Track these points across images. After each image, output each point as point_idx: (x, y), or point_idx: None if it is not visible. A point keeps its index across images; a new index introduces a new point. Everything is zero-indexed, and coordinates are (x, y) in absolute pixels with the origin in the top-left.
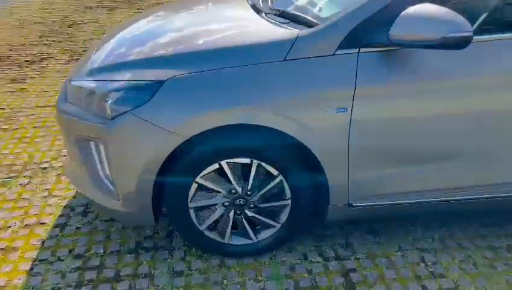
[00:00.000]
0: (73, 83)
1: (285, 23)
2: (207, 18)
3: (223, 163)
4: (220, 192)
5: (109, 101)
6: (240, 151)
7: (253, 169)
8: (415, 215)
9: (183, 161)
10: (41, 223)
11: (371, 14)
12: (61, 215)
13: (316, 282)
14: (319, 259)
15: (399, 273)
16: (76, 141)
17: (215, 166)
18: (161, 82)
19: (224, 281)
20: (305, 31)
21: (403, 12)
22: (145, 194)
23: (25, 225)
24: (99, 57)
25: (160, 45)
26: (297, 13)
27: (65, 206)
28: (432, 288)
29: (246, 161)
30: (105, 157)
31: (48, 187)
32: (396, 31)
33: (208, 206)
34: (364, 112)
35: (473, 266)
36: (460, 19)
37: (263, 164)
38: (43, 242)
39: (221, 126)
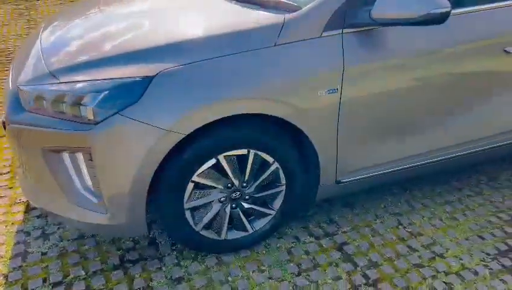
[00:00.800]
0: (27, 88)
1: (257, 8)
2: (174, 5)
3: (221, 157)
4: (216, 188)
5: (91, 104)
6: (237, 143)
7: (250, 159)
8: (396, 182)
9: (178, 160)
10: None
11: None
12: (17, 244)
13: (316, 261)
14: (311, 239)
15: (385, 239)
16: (42, 155)
17: (213, 161)
18: (149, 78)
19: (229, 278)
20: (292, 14)
21: None
22: (139, 202)
23: None
24: (56, 56)
25: (133, 37)
26: None
27: (17, 233)
28: (416, 246)
29: (243, 151)
30: (85, 167)
31: None
32: (378, 11)
33: (203, 205)
34: (353, 91)
35: (440, 221)
36: None
37: (259, 152)
38: (5, 277)
39: (217, 119)
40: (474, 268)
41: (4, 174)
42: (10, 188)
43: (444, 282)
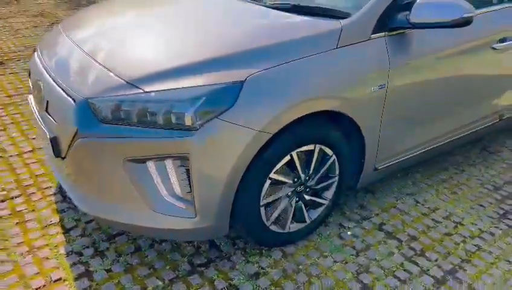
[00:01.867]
0: (101, 100)
1: (306, 15)
2: (225, 15)
3: (294, 154)
4: (286, 183)
5: (188, 111)
6: (307, 139)
7: (316, 154)
8: (416, 163)
9: (261, 159)
10: (56, 281)
11: (392, 1)
12: (74, 265)
13: (366, 242)
14: (353, 223)
15: (411, 216)
16: (123, 166)
17: (287, 158)
18: (241, 82)
19: (300, 266)
20: (346, 20)
21: (418, 0)
22: (227, 203)
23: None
24: (122, 65)
25: (203, 43)
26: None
27: (67, 255)
28: (438, 219)
29: (311, 147)
30: (174, 174)
31: (20, 240)
32: (416, 16)
33: (274, 200)
34: (395, 85)
35: (445, 196)
36: (465, 2)
37: (323, 147)
38: None
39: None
40: (489, 230)
41: (16, 197)
42: (32, 211)
43: (474, 245)
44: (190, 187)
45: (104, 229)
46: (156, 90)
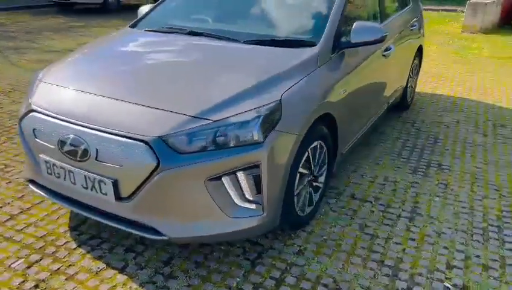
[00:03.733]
0: (175, 135)
1: (283, 46)
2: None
3: (309, 150)
4: (306, 174)
5: (254, 129)
6: (315, 138)
7: (318, 148)
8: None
9: (294, 157)
10: None
11: (336, 28)
12: None
13: (352, 208)
14: (334, 200)
15: (365, 185)
16: (203, 185)
17: (306, 154)
18: (279, 100)
19: (324, 237)
20: (317, 47)
21: (353, 27)
22: (281, 197)
23: None
24: (176, 104)
25: (231, 80)
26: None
27: (142, 286)
28: (382, 182)
29: (316, 143)
30: (245, 182)
31: None
32: (354, 38)
33: (300, 190)
34: (349, 89)
35: (375, 167)
36: (380, 27)
37: (322, 142)
38: None
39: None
40: (414, 181)
41: (39, 260)
42: (69, 266)
43: (413, 192)
44: (258, 190)
45: (155, 259)
46: (224, 118)
